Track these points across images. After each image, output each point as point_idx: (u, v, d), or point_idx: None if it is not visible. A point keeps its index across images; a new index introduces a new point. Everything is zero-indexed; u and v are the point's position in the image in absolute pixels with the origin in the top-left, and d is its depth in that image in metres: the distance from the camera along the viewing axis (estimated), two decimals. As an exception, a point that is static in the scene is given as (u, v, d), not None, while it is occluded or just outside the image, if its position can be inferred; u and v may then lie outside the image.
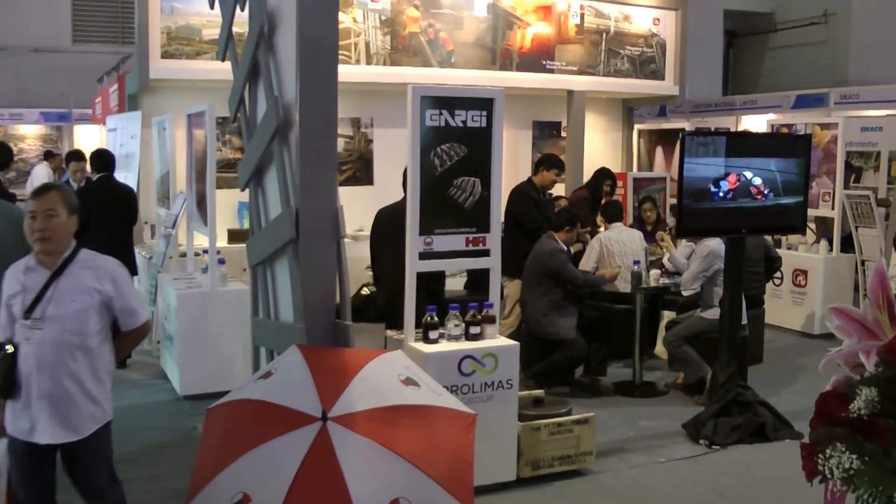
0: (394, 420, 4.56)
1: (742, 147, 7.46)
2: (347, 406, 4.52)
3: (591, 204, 11.28)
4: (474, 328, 6.35)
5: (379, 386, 4.74)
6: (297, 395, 4.61)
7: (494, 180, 6.43)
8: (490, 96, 6.38)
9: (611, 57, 14.02)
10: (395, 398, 4.70)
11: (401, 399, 4.71)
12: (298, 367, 4.84)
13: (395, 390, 4.78)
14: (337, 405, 4.50)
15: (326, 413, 4.42)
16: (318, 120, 5.35)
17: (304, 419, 4.44)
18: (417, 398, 4.78)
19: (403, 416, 4.62)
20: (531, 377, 8.55)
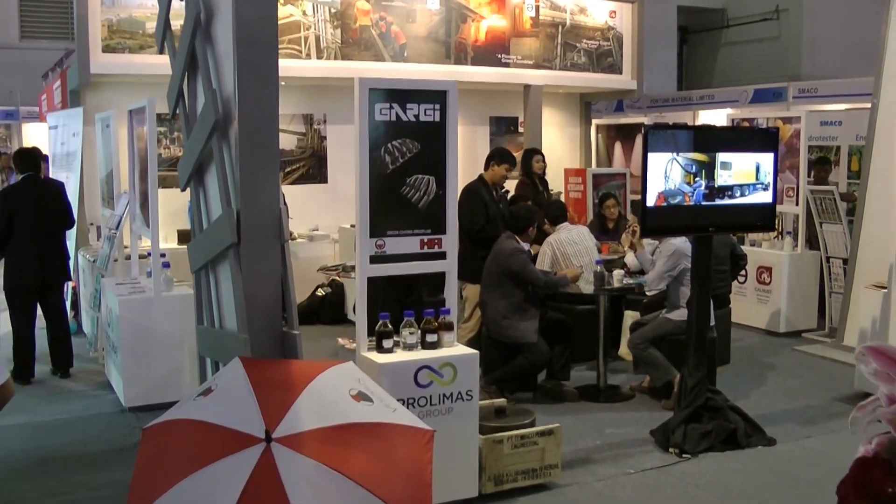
0: (345, 440, 4.19)
1: (708, 142, 7.11)
2: (293, 425, 4.14)
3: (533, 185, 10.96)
4: (431, 336, 5.97)
5: (328, 402, 4.37)
6: (239, 413, 4.23)
7: (450, 178, 6.05)
8: (443, 88, 6.00)
9: (567, 50, 13.72)
10: (346, 415, 4.32)
11: (352, 416, 4.33)
12: (240, 383, 4.44)
13: (346, 407, 4.40)
14: (282, 424, 4.12)
15: (270, 433, 4.04)
16: (259, 114, 4.95)
17: (246, 440, 4.05)
18: (370, 415, 4.41)
19: (355, 435, 4.24)
20: (492, 383, 8.20)
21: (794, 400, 8.57)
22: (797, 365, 9.83)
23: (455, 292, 6.27)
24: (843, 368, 9.52)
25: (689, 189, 6.88)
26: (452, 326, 6.09)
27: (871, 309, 8.44)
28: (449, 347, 6.03)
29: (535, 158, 11.13)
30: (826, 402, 8.53)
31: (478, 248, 8.61)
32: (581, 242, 9.05)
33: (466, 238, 8.75)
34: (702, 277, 7.26)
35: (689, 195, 6.89)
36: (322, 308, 11.93)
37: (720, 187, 7.02)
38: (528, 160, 11.08)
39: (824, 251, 11.07)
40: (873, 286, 8.56)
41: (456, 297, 6.30)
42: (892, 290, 8.29)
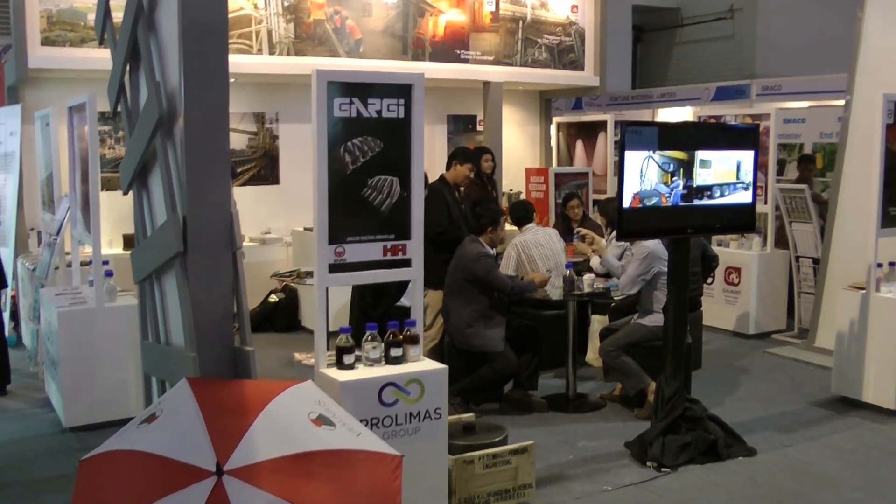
0: (304, 470, 3.79)
1: (686, 140, 6.73)
2: (248, 455, 3.73)
3: (482, 185, 10.69)
4: (395, 350, 5.53)
5: (286, 428, 3.95)
6: (186, 443, 3.80)
7: (415, 179, 5.63)
8: (408, 82, 5.57)
9: (528, 46, 13.34)
10: (306, 443, 3.91)
11: (312, 443, 3.92)
12: (188, 408, 4.00)
13: (305, 433, 3.99)
14: (235, 455, 3.71)
15: (222, 465, 3.64)
16: (206, 111, 4.47)
17: (195, 474, 3.64)
18: (332, 441, 4.00)
19: (316, 464, 3.84)
20: (457, 394, 7.79)
21: (770, 405, 8.24)
22: (770, 368, 9.52)
23: (421, 303, 5.83)
24: (817, 371, 9.28)
25: (667, 189, 6.50)
26: (418, 339, 5.66)
27: (850, 311, 8.11)
28: (415, 362, 5.60)
29: (483, 157, 10.83)
30: (803, 407, 8.22)
31: (440, 252, 8.19)
32: (548, 245, 8.67)
33: (428, 242, 8.29)
34: (679, 282, 6.90)
35: (665, 196, 6.51)
36: (275, 315, 11.47)
37: (699, 187, 6.65)
38: (477, 159, 10.72)
39: (794, 250, 10.79)
40: (851, 287, 8.23)
41: (421, 308, 5.86)
42: (870, 291, 7.95)
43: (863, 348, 8.02)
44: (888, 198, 8.09)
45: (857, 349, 8.07)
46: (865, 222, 8.63)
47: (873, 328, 7.95)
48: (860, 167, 9.42)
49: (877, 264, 7.97)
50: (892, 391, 7.84)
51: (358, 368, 5.47)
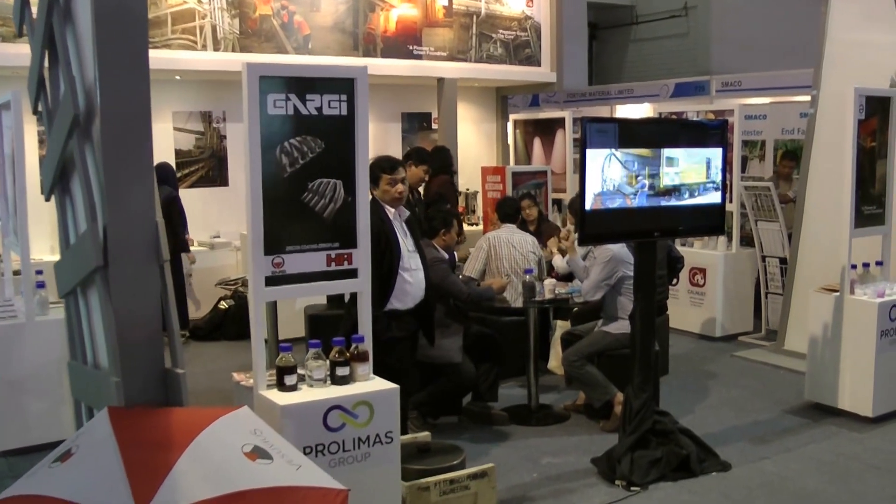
0: (236, 513, 3.33)
1: (651, 136, 6.32)
2: (171, 498, 3.33)
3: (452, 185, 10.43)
4: (341, 369, 5.07)
5: (216, 464, 3.52)
6: (101, 486, 3.40)
7: (360, 181, 5.16)
8: (349, 76, 5.10)
9: (483, 41, 12.92)
10: (238, 480, 3.48)
11: (246, 481, 3.50)
12: (106, 444, 3.57)
13: (238, 468, 3.56)
14: (157, 498, 3.31)
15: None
16: (125, 108, 3.98)
17: (109, 521, 3.20)
18: (269, 477, 3.57)
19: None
20: (413, 408, 7.34)
21: (742, 414, 7.86)
22: (739, 373, 9.14)
23: (369, 316, 5.37)
24: (788, 376, 8.93)
25: (632, 190, 6.08)
26: (367, 356, 5.20)
27: (823, 314, 7.75)
28: (364, 382, 5.14)
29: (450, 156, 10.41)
30: (776, 415, 7.84)
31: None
32: (520, 248, 8.27)
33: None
34: (646, 287, 6.48)
35: (630, 197, 6.09)
36: (225, 323, 10.96)
37: (666, 187, 6.24)
38: (448, 158, 10.36)
39: (760, 250, 10.42)
40: (823, 289, 7.86)
41: (370, 322, 5.39)
42: (844, 293, 7.59)
43: (837, 353, 7.65)
44: (861, 196, 7.73)
45: (831, 354, 7.70)
46: (834, 221, 8.34)
47: (848, 332, 7.58)
48: (828, 164, 9.09)
49: (850, 265, 7.59)
50: (869, 398, 7.48)
51: (301, 390, 5.00)
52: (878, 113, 7.82)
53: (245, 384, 5.28)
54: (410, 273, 6.36)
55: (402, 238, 6.31)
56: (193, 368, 9.31)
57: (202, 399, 7.87)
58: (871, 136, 7.78)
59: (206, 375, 9.08)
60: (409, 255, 6.37)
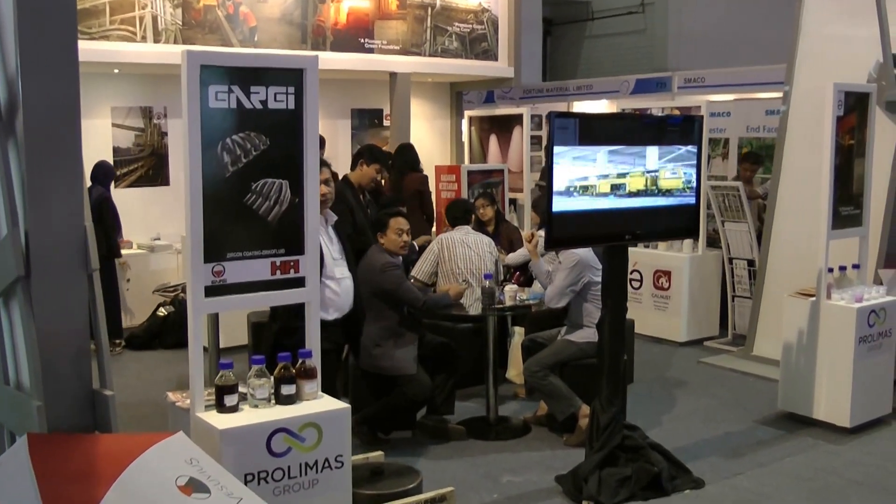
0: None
1: (623, 133, 5.90)
2: (95, 541, 2.89)
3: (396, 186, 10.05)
4: (287, 387, 4.60)
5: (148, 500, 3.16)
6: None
7: (309, 182, 4.69)
8: (298, 66, 4.64)
9: (437, 34, 12.47)
10: (171, 519, 3.05)
11: (179, 518, 3.06)
12: (22, 476, 3.16)
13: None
14: (79, 540, 2.88)
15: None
16: (52, 103, 3.50)
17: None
18: (204, 514, 3.13)
19: (184, 548, 3.01)
20: (364, 422, 6.90)
21: (713, 425, 7.47)
22: (707, 380, 8.76)
23: (317, 329, 4.90)
24: (758, 383, 8.57)
25: (602, 190, 5.65)
26: (315, 373, 4.73)
27: (797, 320, 7.38)
28: (311, 401, 4.68)
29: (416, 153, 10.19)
30: (748, 426, 7.47)
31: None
32: (476, 248, 7.83)
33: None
34: (616, 294, 6.06)
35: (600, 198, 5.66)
36: (164, 330, 10.40)
37: (637, 188, 5.82)
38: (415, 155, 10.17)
39: (727, 252, 10.06)
40: (798, 294, 7.49)
41: (318, 334, 4.93)
42: (820, 298, 7.23)
43: (813, 361, 7.29)
44: (838, 197, 7.37)
45: (806, 362, 7.34)
46: (807, 222, 8.04)
47: (824, 339, 7.22)
48: (801, 162, 8.78)
49: (827, 269, 7.23)
50: (846, 408, 7.12)
51: (243, 411, 4.53)
52: (857, 109, 7.47)
53: (181, 405, 4.81)
54: (336, 282, 5.89)
55: (327, 244, 5.84)
56: (129, 380, 8.84)
57: (138, 413, 7.40)
58: (849, 133, 7.43)
59: (142, 387, 8.56)
60: (334, 263, 5.89)
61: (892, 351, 7.48)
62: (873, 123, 7.64)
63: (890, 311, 7.35)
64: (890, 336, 7.37)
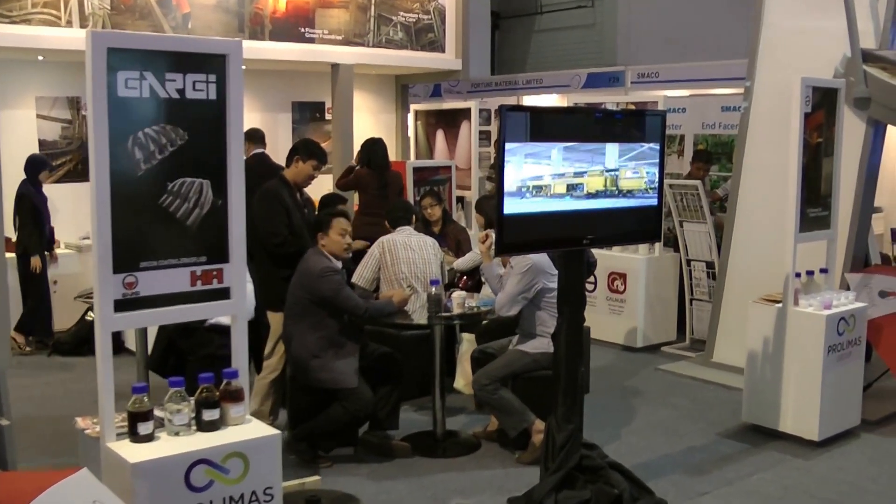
0: None
1: (581, 129, 5.41)
2: None
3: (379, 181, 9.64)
4: (209, 412, 4.09)
5: None
6: None
7: (234, 181, 4.18)
8: (220, 51, 4.12)
9: (382, 24, 11.91)
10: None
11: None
12: None
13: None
14: None
15: None
16: None
17: None
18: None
19: None
20: (302, 439, 6.41)
21: (674, 439, 7.04)
22: (666, 389, 8.33)
23: (244, 345, 4.39)
24: (720, 392, 8.18)
25: (558, 190, 5.17)
26: (241, 395, 4.22)
27: (762, 327, 6.97)
28: (237, 426, 4.17)
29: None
30: (711, 439, 7.05)
31: (280, 266, 6.76)
32: (419, 251, 7.36)
33: (264, 254, 6.92)
34: (573, 302, 5.58)
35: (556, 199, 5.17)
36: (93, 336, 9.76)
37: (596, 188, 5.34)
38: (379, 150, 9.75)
39: (685, 253, 9.64)
40: (763, 300, 7.08)
41: (245, 352, 4.41)
42: (787, 304, 6.82)
43: (779, 371, 6.88)
44: (805, 198, 6.96)
45: (772, 372, 6.93)
46: (770, 224, 7.68)
47: (791, 348, 6.82)
48: (763, 161, 8.40)
49: (795, 274, 6.81)
50: (814, 420, 6.72)
51: (159, 440, 4.02)
52: (824, 106, 7.06)
53: (91, 433, 4.27)
54: None
55: None
56: (53, 391, 8.26)
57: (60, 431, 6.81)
58: (816, 131, 7.01)
59: (66, 398, 7.98)
60: None
61: (862, 359, 7.10)
62: (841, 121, 7.24)
63: (859, 317, 6.97)
64: (859, 344, 6.99)
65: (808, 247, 7.12)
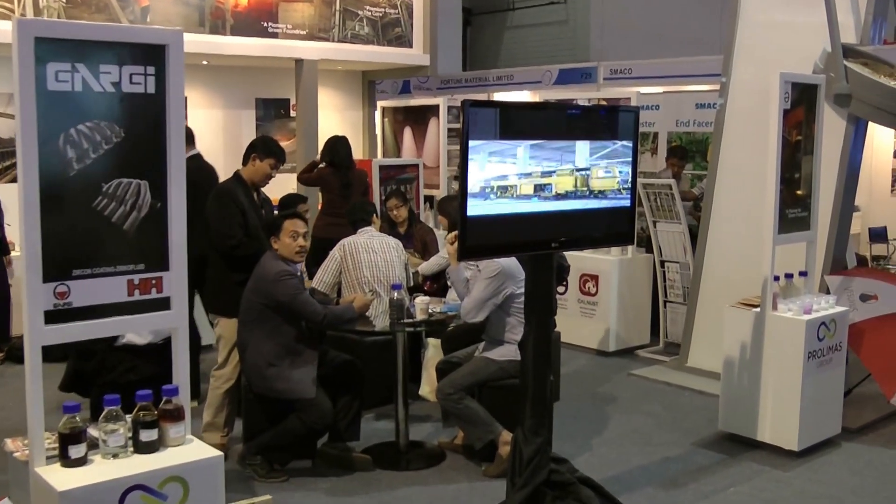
0: None
1: (549, 125, 5.11)
2: None
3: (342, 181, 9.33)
4: (147, 432, 3.77)
5: None
6: None
7: (174, 182, 3.85)
8: (159, 41, 3.79)
9: (347, 19, 11.61)
10: None
11: None
12: None
13: None
14: None
15: None
16: None
17: None
18: None
19: None
20: (258, 452, 6.10)
21: (648, 449, 6.76)
22: (639, 396, 8.05)
23: (185, 359, 4.06)
24: (696, 399, 7.92)
25: (525, 191, 4.87)
26: (182, 414, 3.90)
27: (740, 332, 6.70)
28: (177, 448, 3.85)
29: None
30: (687, 449, 6.76)
31: (234, 270, 6.43)
32: (382, 254, 7.07)
33: (218, 257, 6.59)
34: (541, 309, 5.28)
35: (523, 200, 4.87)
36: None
37: (566, 188, 5.04)
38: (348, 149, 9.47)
39: (658, 254, 9.36)
40: (741, 304, 6.82)
41: (186, 366, 4.09)
42: (766, 309, 6.56)
43: (757, 378, 6.61)
44: (784, 198, 6.70)
45: (749, 379, 6.66)
46: (746, 224, 7.46)
47: (770, 354, 6.55)
48: (740, 160, 8.15)
49: (773, 277, 6.55)
50: (794, 430, 6.45)
51: (93, 463, 3.70)
52: (804, 102, 6.79)
53: (20, 457, 3.95)
54: None
55: None
56: (4, 400, 7.87)
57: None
58: (795, 128, 6.74)
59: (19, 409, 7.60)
60: None
61: (843, 366, 6.83)
62: (822, 118, 6.98)
63: (840, 322, 6.70)
64: (840, 350, 6.72)
65: (786, 248, 6.86)
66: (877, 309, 7.15)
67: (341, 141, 9.53)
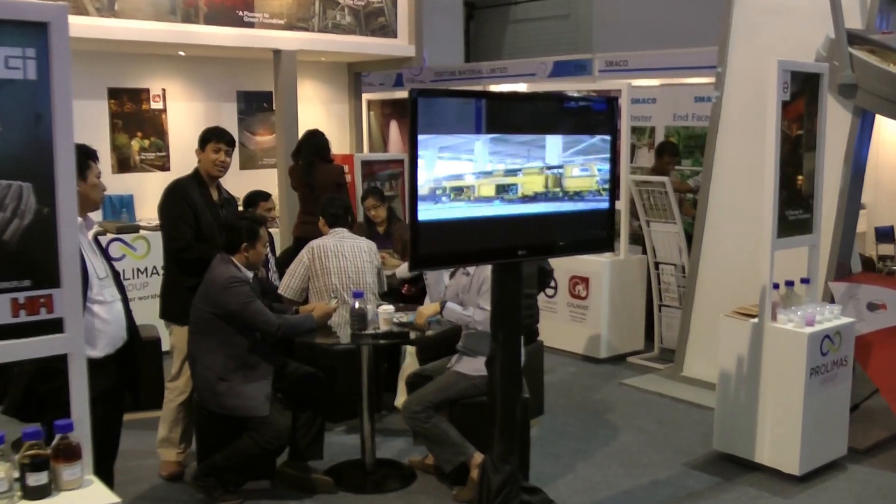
0: None
1: (515, 118, 4.54)
2: None
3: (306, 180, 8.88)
4: (35, 476, 3.24)
5: None
6: None
7: (63, 184, 3.31)
8: (40, 18, 3.25)
9: (328, 8, 11.01)
10: None
11: None
12: None
13: None
14: None
15: None
16: None
17: None
18: None
19: None
20: (211, 473, 5.61)
21: (636, 471, 6.23)
22: (630, 408, 7.50)
23: (84, 387, 3.52)
24: (690, 412, 7.39)
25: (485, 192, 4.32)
26: (78, 453, 3.37)
27: (736, 344, 6.16)
28: (72, 491, 3.32)
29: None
30: (678, 472, 6.23)
31: (185, 274, 5.92)
32: (352, 259, 6.55)
33: (170, 260, 6.08)
34: (509, 325, 4.74)
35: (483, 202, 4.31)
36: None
37: (534, 190, 4.50)
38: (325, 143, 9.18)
39: (652, 256, 8.81)
40: (737, 314, 6.27)
41: (85, 394, 3.54)
42: (764, 320, 6.01)
43: (755, 395, 6.06)
44: (784, 198, 6.13)
45: (747, 396, 6.11)
46: (744, 225, 6.97)
47: (769, 369, 6.00)
48: (737, 156, 7.63)
49: (773, 285, 5.99)
50: (795, 452, 5.90)
51: (-30, 511, 3.18)
52: (805, 93, 6.23)
53: None
54: (105, 307, 4.45)
55: (91, 258, 4.42)
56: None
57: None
58: (796, 122, 6.18)
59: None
60: (101, 283, 4.46)
61: (848, 382, 6.23)
62: (825, 110, 6.41)
63: (846, 335, 6.11)
64: (845, 365, 6.14)
65: (786, 253, 6.30)
66: (886, 319, 6.56)
67: (307, 136, 9.07)
